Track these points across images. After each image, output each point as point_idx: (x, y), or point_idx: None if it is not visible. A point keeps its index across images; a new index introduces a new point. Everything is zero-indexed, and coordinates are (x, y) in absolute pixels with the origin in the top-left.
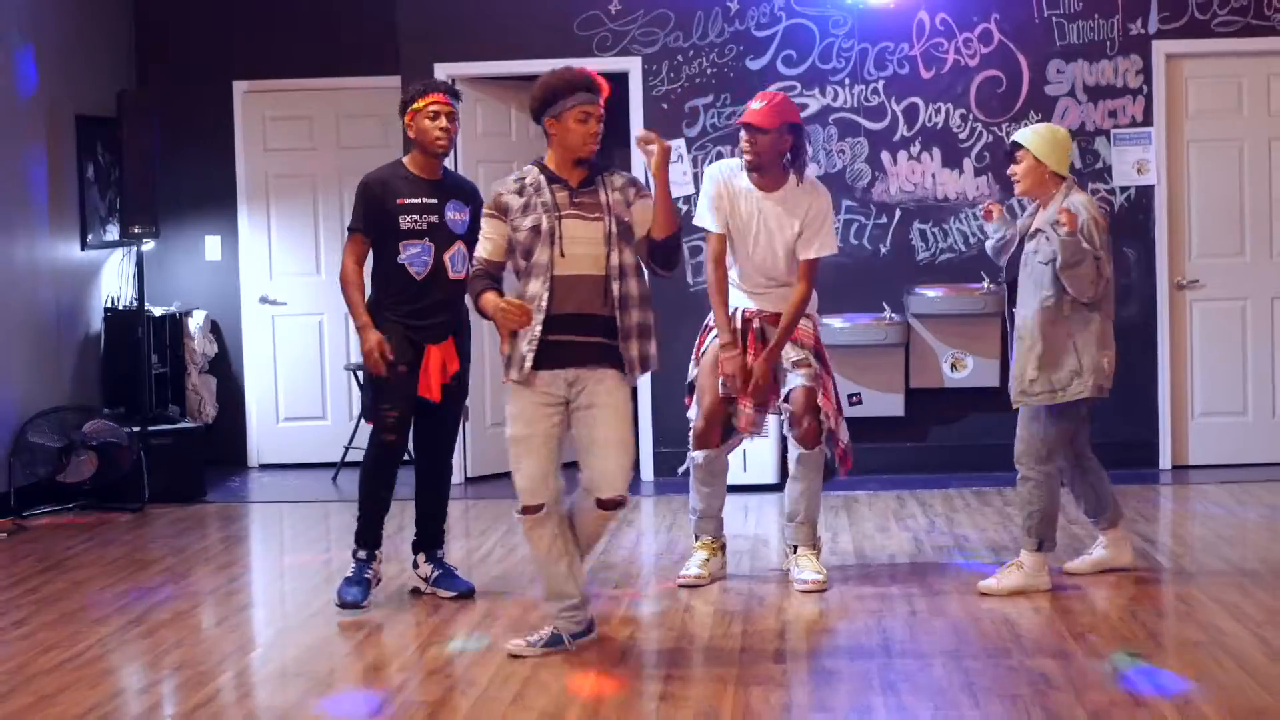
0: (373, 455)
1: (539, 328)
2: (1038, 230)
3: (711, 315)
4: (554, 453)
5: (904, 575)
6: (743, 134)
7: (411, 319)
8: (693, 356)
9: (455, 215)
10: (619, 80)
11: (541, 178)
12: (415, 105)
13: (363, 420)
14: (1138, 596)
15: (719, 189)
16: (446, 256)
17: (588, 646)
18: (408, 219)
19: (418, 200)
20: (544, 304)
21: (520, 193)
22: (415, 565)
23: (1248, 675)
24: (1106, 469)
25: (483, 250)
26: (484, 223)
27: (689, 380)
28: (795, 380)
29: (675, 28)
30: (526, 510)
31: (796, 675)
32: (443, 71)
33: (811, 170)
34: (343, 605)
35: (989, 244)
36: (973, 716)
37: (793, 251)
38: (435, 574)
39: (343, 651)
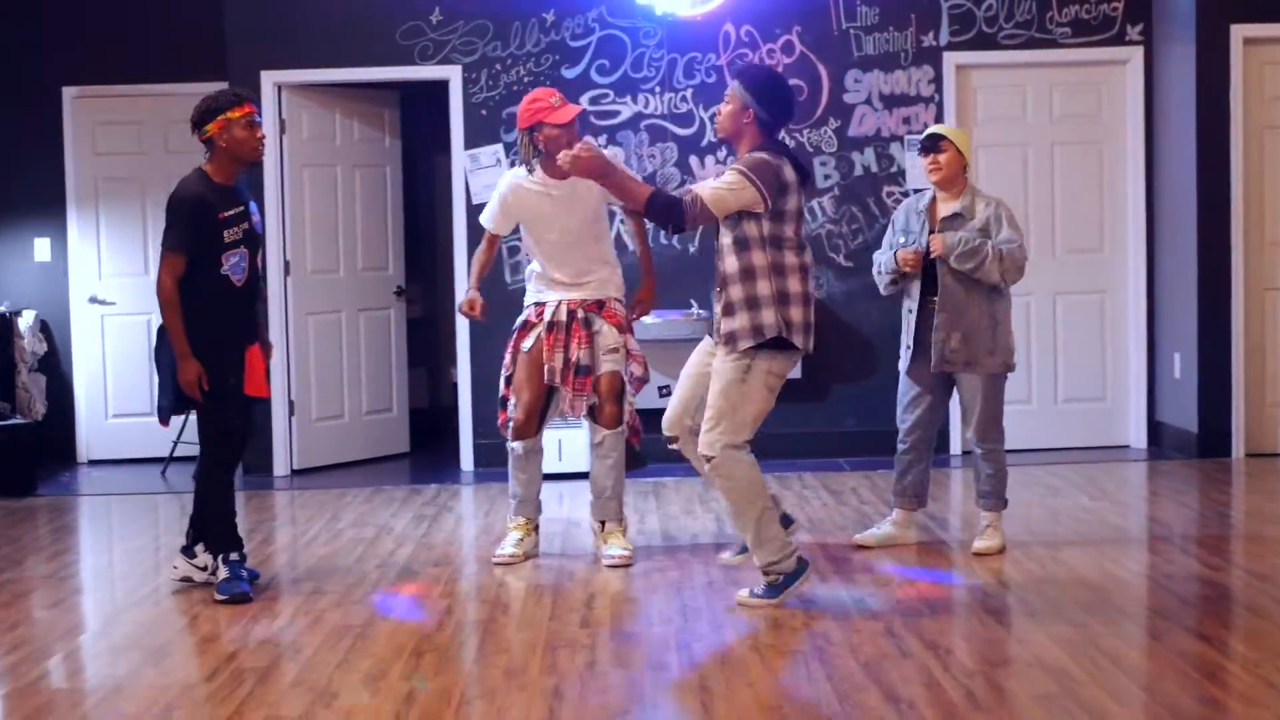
0: (212, 464)
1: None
2: (955, 215)
3: (528, 312)
4: (693, 390)
5: (705, 552)
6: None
7: (230, 327)
8: (508, 351)
9: (256, 216)
10: (440, 88)
11: None
12: (229, 115)
13: (158, 420)
14: (917, 566)
15: (505, 196)
16: (258, 258)
17: (406, 619)
18: (230, 232)
19: (233, 211)
20: None
21: None
22: (192, 555)
23: (1004, 630)
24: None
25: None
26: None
27: (505, 374)
28: (604, 366)
29: (494, 37)
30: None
31: (600, 638)
32: (269, 79)
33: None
34: (233, 599)
35: (885, 281)
36: (758, 671)
37: (593, 234)
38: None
39: (175, 627)
